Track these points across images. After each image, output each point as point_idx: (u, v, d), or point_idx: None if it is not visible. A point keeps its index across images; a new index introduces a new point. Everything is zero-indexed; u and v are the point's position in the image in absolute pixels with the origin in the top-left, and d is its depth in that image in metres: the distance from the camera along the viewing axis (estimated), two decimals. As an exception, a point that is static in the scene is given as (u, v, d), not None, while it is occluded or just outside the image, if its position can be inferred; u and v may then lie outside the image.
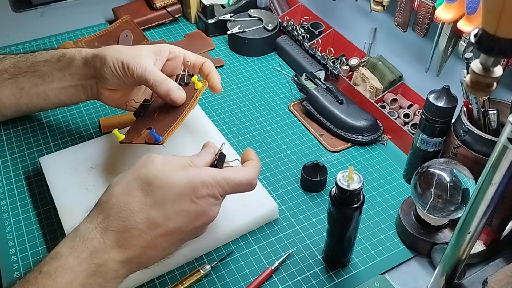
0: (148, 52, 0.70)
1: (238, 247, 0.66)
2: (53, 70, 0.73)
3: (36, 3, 1.16)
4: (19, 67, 0.74)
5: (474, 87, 0.38)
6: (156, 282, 0.63)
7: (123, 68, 0.67)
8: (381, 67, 0.87)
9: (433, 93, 0.66)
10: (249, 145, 0.82)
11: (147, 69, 0.67)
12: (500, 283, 0.54)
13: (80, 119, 0.86)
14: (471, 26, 0.64)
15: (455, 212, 0.61)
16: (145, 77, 0.66)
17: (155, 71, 0.67)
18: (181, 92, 0.67)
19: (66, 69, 0.73)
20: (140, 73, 0.66)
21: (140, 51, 0.69)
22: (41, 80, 0.74)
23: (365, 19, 0.93)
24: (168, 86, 0.66)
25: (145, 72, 0.66)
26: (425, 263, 0.65)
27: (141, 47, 0.70)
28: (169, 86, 0.66)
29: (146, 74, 0.66)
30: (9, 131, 0.83)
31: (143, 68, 0.66)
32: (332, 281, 0.63)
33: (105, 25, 1.10)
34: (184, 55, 0.73)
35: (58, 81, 0.74)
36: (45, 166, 0.73)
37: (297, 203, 0.73)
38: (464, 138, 0.63)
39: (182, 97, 0.67)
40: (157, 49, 0.71)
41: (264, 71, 0.99)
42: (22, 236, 0.68)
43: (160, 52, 0.71)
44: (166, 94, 0.66)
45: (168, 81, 0.67)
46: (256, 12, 1.05)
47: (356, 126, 0.81)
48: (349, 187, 0.54)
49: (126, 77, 0.68)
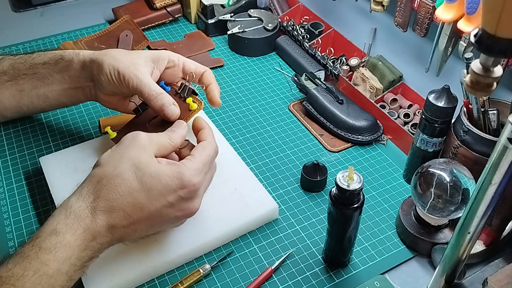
0: (146, 60, 0.69)
1: (238, 247, 0.66)
2: (52, 73, 0.73)
3: (36, 3, 1.16)
4: (18, 69, 0.75)
5: (474, 87, 0.38)
6: (156, 282, 0.63)
7: (119, 78, 0.67)
8: (381, 67, 0.87)
9: (433, 93, 0.66)
10: (249, 145, 0.82)
11: (142, 81, 0.66)
12: (500, 283, 0.54)
13: (80, 119, 0.86)
14: (471, 26, 0.64)
15: (455, 212, 0.61)
16: (140, 89, 0.66)
17: (151, 84, 0.67)
18: (175, 109, 0.66)
19: (65, 71, 0.73)
20: (135, 85, 0.66)
21: (137, 59, 0.68)
22: (40, 82, 0.74)
23: (365, 19, 0.93)
24: (163, 101, 0.66)
25: (141, 84, 0.66)
26: (425, 263, 0.65)
27: (139, 54, 0.70)
28: (164, 102, 0.66)
29: (141, 87, 0.66)
30: (9, 131, 0.83)
31: (139, 80, 0.66)
32: (332, 281, 0.63)
33: (105, 25, 1.10)
34: (184, 63, 0.72)
35: (58, 84, 0.74)
36: (45, 166, 0.73)
37: (297, 203, 0.73)
38: (464, 138, 0.63)
39: (175, 114, 0.66)
40: (156, 56, 0.70)
41: (264, 71, 0.99)
42: (22, 236, 0.67)
43: (158, 61, 0.70)
44: (160, 109, 0.66)
45: (163, 95, 0.66)
46: (256, 12, 1.05)
47: (356, 126, 0.81)
48: (349, 187, 0.54)
49: (122, 87, 0.68)
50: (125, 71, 0.66)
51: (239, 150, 0.81)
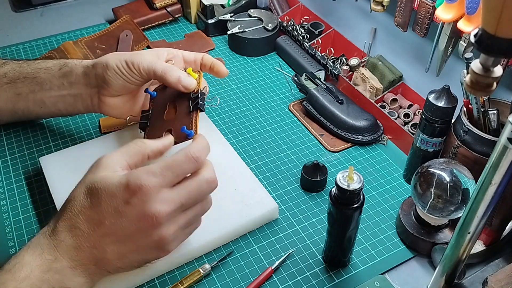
0: (148, 52, 0.71)
1: (238, 247, 0.66)
2: (52, 78, 0.73)
3: (36, 3, 1.16)
4: (19, 72, 0.75)
5: (474, 87, 0.38)
6: (156, 282, 0.63)
7: (127, 67, 0.68)
8: (381, 67, 0.87)
9: (433, 93, 0.66)
10: (249, 145, 0.82)
11: (152, 61, 0.68)
12: (500, 283, 0.54)
13: (80, 119, 0.86)
14: (471, 26, 0.64)
15: (455, 212, 0.61)
16: (152, 68, 0.67)
17: (161, 62, 0.69)
18: (191, 79, 0.68)
19: (66, 77, 0.73)
20: (146, 66, 0.68)
21: (139, 52, 0.71)
22: (39, 87, 0.74)
23: (365, 19, 0.93)
24: (178, 73, 0.67)
25: (151, 64, 0.68)
26: (425, 263, 0.65)
27: (139, 51, 0.72)
28: (179, 73, 0.67)
29: (153, 66, 0.67)
30: (9, 131, 0.83)
31: (148, 62, 0.68)
32: (332, 281, 0.63)
33: (105, 25, 1.10)
34: (182, 54, 0.74)
35: (57, 89, 0.73)
36: (45, 166, 0.73)
37: (297, 203, 0.73)
38: (464, 138, 0.63)
39: (193, 83, 0.68)
40: (155, 51, 0.72)
41: (264, 71, 0.99)
42: (22, 236, 0.67)
43: (158, 53, 0.72)
44: (178, 81, 0.67)
45: (177, 68, 0.68)
46: (256, 12, 1.05)
47: (356, 126, 0.81)
48: (349, 187, 0.54)
49: (132, 75, 0.68)
50: (133, 58, 0.68)
51: (239, 150, 0.81)
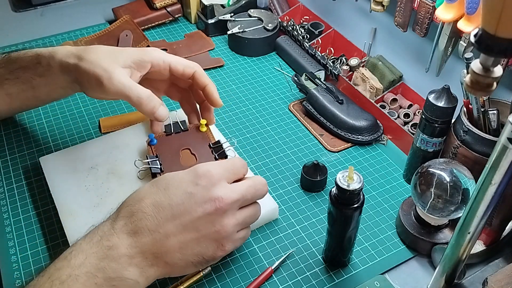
0: (125, 61, 0.65)
1: (238, 247, 0.66)
2: (34, 77, 0.70)
3: (36, 3, 1.16)
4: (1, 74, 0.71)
5: (474, 87, 0.38)
6: (156, 282, 0.62)
7: (99, 87, 0.64)
8: (381, 67, 0.87)
9: (433, 93, 0.66)
10: (249, 145, 0.82)
11: (125, 86, 0.63)
12: (500, 283, 0.54)
13: (80, 119, 0.86)
14: (471, 26, 0.64)
15: (455, 212, 0.61)
16: (126, 94, 0.63)
17: (135, 86, 0.64)
18: (165, 109, 0.65)
19: (46, 76, 0.70)
20: (119, 90, 0.63)
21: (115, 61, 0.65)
22: (26, 86, 0.71)
23: (365, 19, 0.93)
24: (153, 103, 0.64)
25: (124, 89, 0.63)
26: (425, 263, 0.65)
27: (120, 54, 0.66)
28: (154, 103, 0.64)
29: (127, 92, 0.63)
30: (9, 131, 0.83)
31: (122, 85, 0.63)
32: (332, 281, 0.63)
33: (105, 25, 1.10)
34: (170, 64, 0.69)
35: (44, 86, 0.71)
36: (45, 166, 0.73)
37: (297, 203, 0.73)
38: (464, 138, 0.63)
39: (166, 114, 0.66)
40: (138, 59, 0.67)
41: (264, 71, 0.99)
42: (22, 236, 0.68)
43: (140, 64, 0.67)
44: (151, 112, 0.64)
45: (152, 97, 0.64)
46: (256, 12, 1.05)
47: (356, 126, 0.81)
48: (349, 187, 0.54)
49: (106, 94, 0.64)
50: (103, 77, 0.63)
51: (239, 150, 0.81)
